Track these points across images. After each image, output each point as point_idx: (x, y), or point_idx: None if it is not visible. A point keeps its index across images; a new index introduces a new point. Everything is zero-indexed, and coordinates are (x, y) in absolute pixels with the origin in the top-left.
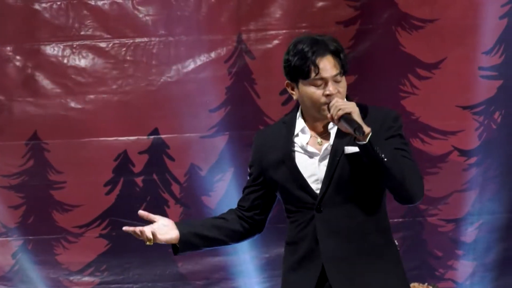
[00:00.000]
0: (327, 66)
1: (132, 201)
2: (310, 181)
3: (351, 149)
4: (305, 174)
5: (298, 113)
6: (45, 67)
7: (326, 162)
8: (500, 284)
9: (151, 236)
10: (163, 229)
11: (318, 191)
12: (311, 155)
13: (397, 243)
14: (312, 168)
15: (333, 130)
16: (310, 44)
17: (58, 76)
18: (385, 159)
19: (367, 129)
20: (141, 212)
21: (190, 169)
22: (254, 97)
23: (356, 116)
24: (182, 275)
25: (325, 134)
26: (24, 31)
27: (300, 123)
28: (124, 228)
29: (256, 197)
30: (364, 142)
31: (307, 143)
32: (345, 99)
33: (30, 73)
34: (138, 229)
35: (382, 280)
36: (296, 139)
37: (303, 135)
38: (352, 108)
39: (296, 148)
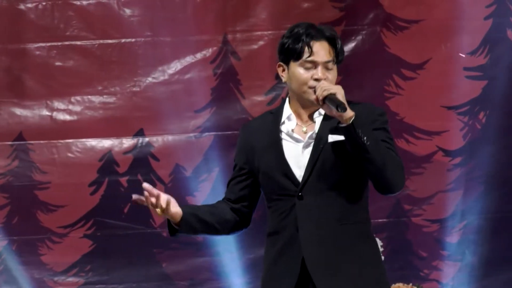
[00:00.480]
0: (321, 50)
1: (117, 202)
2: (293, 167)
3: (335, 138)
4: (289, 160)
5: (286, 102)
6: (30, 68)
7: (310, 149)
8: (484, 284)
9: (165, 205)
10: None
11: (300, 178)
12: (296, 141)
13: (381, 243)
14: (296, 155)
15: (318, 119)
16: (306, 27)
17: (44, 77)
18: (368, 143)
19: (350, 112)
20: (145, 185)
21: (175, 170)
22: (239, 98)
23: (341, 97)
24: (167, 275)
25: (310, 123)
26: (9, 31)
27: (287, 111)
28: (134, 196)
29: (242, 188)
30: (347, 124)
31: (292, 130)
32: None
33: (15, 74)
34: (151, 198)
35: (360, 269)
36: (282, 127)
37: (289, 122)
38: (337, 89)
39: (283, 135)
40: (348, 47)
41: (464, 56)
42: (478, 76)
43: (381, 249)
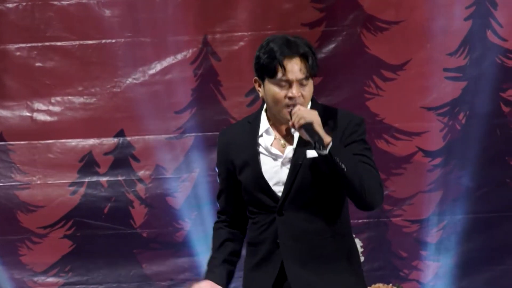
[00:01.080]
0: (294, 68)
1: (97, 202)
2: (272, 183)
3: (313, 153)
4: (268, 176)
5: (263, 113)
6: (10, 68)
7: (288, 165)
8: (464, 284)
9: None
10: None
11: (280, 194)
12: (274, 157)
13: (361, 244)
14: (275, 171)
15: (296, 133)
16: (281, 44)
17: (24, 78)
18: (345, 169)
19: (327, 139)
20: None
21: (155, 170)
22: (219, 98)
23: (317, 126)
24: (147, 276)
25: (288, 137)
26: None
27: (264, 124)
28: None
29: (234, 198)
30: (325, 152)
31: (271, 145)
32: (310, 102)
33: None
34: None
35: (340, 283)
36: (260, 140)
37: (267, 136)
38: (313, 117)
39: (261, 149)
40: (328, 48)
41: None
42: (458, 77)
43: (361, 250)
